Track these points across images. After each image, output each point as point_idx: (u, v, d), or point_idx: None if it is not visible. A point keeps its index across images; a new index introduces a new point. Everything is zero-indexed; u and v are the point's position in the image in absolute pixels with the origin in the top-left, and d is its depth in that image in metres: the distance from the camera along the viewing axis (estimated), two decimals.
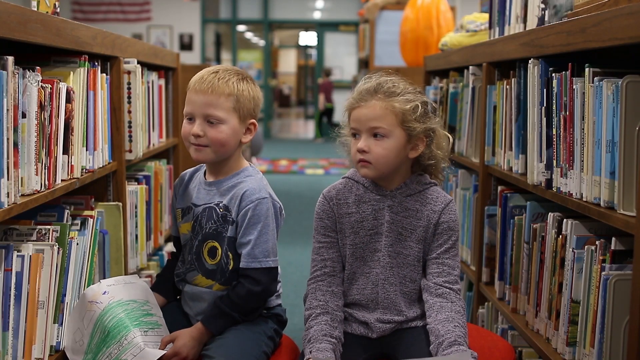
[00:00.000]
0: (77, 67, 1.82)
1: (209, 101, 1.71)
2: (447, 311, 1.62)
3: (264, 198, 1.72)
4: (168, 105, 3.14)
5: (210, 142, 1.72)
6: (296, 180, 8.03)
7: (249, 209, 1.71)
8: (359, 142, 1.65)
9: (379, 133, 1.64)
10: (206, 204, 1.77)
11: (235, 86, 1.73)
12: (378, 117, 1.63)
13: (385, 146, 1.64)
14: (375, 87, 1.66)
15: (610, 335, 1.46)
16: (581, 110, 1.53)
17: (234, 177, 1.78)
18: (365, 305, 1.71)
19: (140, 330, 1.66)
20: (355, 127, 1.66)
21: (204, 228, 1.76)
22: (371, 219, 1.70)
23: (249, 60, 14.89)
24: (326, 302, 1.68)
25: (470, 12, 3.39)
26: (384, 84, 1.67)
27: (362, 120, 1.65)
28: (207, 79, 1.72)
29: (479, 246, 2.36)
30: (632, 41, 1.27)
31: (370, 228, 1.70)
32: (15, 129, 1.41)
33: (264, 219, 1.71)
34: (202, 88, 1.71)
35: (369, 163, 1.64)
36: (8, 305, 1.48)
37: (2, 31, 1.36)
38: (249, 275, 1.70)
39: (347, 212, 1.72)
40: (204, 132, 1.72)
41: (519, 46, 1.93)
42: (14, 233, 1.63)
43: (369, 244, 1.71)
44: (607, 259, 1.48)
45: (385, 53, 5.82)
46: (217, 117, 1.71)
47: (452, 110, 2.77)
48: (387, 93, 1.65)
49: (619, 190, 1.38)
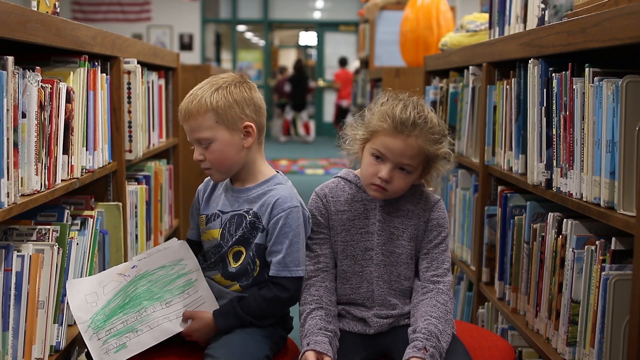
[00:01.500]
0: (77, 67, 1.82)
1: (191, 127, 1.72)
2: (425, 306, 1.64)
3: (296, 207, 1.72)
4: (168, 105, 3.14)
5: (210, 164, 1.74)
6: (296, 180, 8.00)
7: (281, 217, 1.70)
8: (380, 166, 1.64)
9: (407, 169, 1.65)
10: (234, 211, 1.76)
11: (208, 101, 1.70)
12: (413, 155, 1.63)
13: (408, 181, 1.67)
14: (413, 121, 1.62)
15: (610, 335, 1.46)
16: (581, 110, 1.53)
17: (263, 184, 1.77)
18: (361, 303, 1.72)
19: (162, 303, 1.69)
20: (384, 153, 1.64)
21: (233, 235, 1.75)
22: (362, 217, 1.72)
23: (249, 60, 14.88)
24: (320, 297, 1.69)
25: (470, 12, 3.39)
26: (418, 118, 1.63)
27: (395, 152, 1.63)
28: (183, 107, 1.72)
29: (479, 246, 2.35)
30: (632, 41, 1.27)
31: (361, 227, 1.72)
32: (15, 129, 1.41)
33: (295, 228, 1.71)
34: (183, 117, 1.73)
35: (385, 190, 1.65)
36: (8, 305, 1.48)
37: (2, 31, 1.36)
38: (279, 283, 1.70)
39: (339, 209, 1.73)
40: (203, 156, 1.73)
41: (519, 46, 1.93)
42: (14, 233, 1.63)
43: (360, 242, 1.72)
44: (607, 259, 1.48)
45: (385, 53, 5.82)
46: (204, 138, 1.71)
47: (452, 110, 2.77)
48: (424, 130, 1.63)
49: (619, 190, 1.38)
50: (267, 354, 1.69)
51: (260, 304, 1.69)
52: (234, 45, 14.39)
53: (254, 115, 1.74)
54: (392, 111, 1.64)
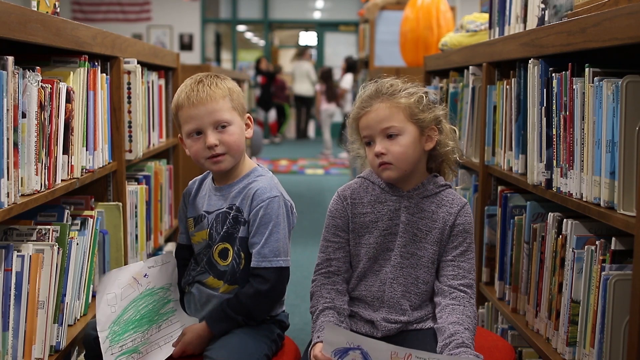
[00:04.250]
0: (77, 67, 1.82)
1: (212, 109, 1.70)
2: (458, 314, 1.60)
3: (275, 197, 1.72)
4: (168, 105, 3.14)
5: (226, 149, 1.72)
6: (296, 180, 8.03)
7: (260, 207, 1.70)
8: (373, 148, 1.66)
9: (392, 132, 1.64)
10: (219, 209, 1.77)
11: (225, 86, 1.74)
12: (386, 117, 1.64)
13: (402, 143, 1.64)
14: (375, 91, 1.68)
15: (610, 335, 1.46)
16: (581, 110, 1.53)
17: (244, 179, 1.77)
18: (370, 303, 1.70)
19: (157, 326, 1.73)
20: (367, 134, 1.67)
21: (220, 233, 1.76)
22: (386, 219, 1.69)
23: (249, 60, 14.88)
24: (332, 300, 1.68)
25: (470, 12, 3.39)
26: (382, 86, 1.68)
27: (372, 125, 1.65)
28: (199, 90, 1.71)
29: (479, 246, 2.35)
30: (632, 41, 1.27)
31: (384, 228, 1.69)
32: (15, 129, 1.41)
33: (275, 218, 1.70)
34: (201, 99, 1.70)
35: (390, 164, 1.64)
36: (8, 305, 1.48)
37: (2, 31, 1.36)
38: (259, 275, 1.70)
39: (362, 212, 1.70)
40: (219, 140, 1.71)
41: (519, 46, 1.93)
42: (14, 233, 1.63)
43: (383, 244, 1.69)
44: (607, 259, 1.48)
45: (385, 53, 5.82)
46: (225, 120, 1.71)
47: (452, 110, 2.77)
48: (389, 93, 1.67)
49: (619, 190, 1.38)
50: (267, 352, 1.69)
51: (245, 301, 1.70)
52: (234, 45, 14.39)
53: None
54: (359, 96, 1.71)
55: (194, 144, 1.73)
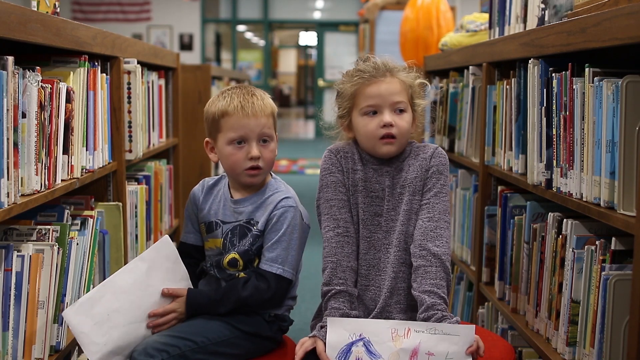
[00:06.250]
0: (77, 67, 1.82)
1: (262, 122, 1.75)
2: (431, 278, 1.60)
3: (291, 207, 1.75)
4: (168, 105, 3.14)
5: (264, 163, 1.77)
6: (296, 180, 8.02)
7: (274, 215, 1.75)
8: (377, 117, 1.66)
9: (401, 107, 1.67)
10: (236, 222, 1.79)
11: (270, 103, 1.80)
12: (398, 91, 1.67)
13: (407, 120, 1.68)
14: (382, 64, 1.70)
15: (610, 335, 1.46)
16: (581, 110, 1.53)
17: (260, 194, 1.80)
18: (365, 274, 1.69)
19: None
20: (375, 103, 1.67)
21: (235, 246, 1.78)
22: (374, 181, 1.71)
23: (249, 60, 14.89)
24: (345, 281, 1.65)
25: (470, 12, 3.39)
26: (388, 62, 1.71)
27: (384, 95, 1.66)
28: (254, 103, 1.75)
29: (479, 246, 2.36)
30: (632, 41, 1.27)
31: (372, 190, 1.71)
32: (15, 129, 1.41)
33: (287, 228, 1.73)
34: (253, 111, 1.74)
35: (394, 138, 1.66)
36: (8, 305, 1.48)
37: (2, 31, 1.36)
38: (263, 276, 1.72)
39: (354, 168, 1.72)
40: (261, 154, 1.76)
41: (519, 46, 1.93)
42: (14, 233, 1.63)
43: (371, 208, 1.71)
44: (607, 259, 1.48)
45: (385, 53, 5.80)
46: (269, 135, 1.77)
47: (452, 110, 2.77)
48: (396, 69, 1.70)
49: (619, 190, 1.38)
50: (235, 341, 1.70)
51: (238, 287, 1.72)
52: (234, 45, 14.39)
53: None
54: (359, 67, 1.71)
55: (235, 152, 1.75)
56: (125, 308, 1.65)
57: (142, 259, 1.72)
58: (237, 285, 1.73)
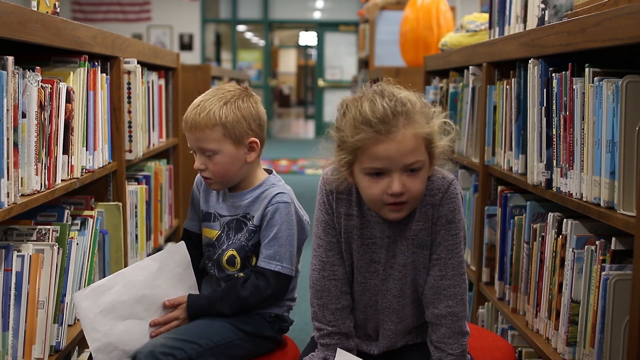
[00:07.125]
0: (77, 67, 1.82)
1: (197, 137, 1.74)
2: (444, 329, 1.48)
3: (285, 202, 1.75)
4: (168, 105, 3.14)
5: (211, 175, 1.76)
6: (296, 180, 8.02)
7: (268, 211, 1.75)
8: (383, 181, 1.36)
9: (416, 167, 1.36)
10: (233, 216, 1.80)
11: (217, 114, 1.71)
12: (413, 149, 1.34)
13: (422, 179, 1.39)
14: (392, 111, 1.34)
15: (610, 335, 1.46)
16: (581, 110, 1.53)
17: (257, 188, 1.80)
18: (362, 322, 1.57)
19: None
20: (382, 166, 1.35)
21: (231, 239, 1.79)
22: (371, 229, 1.49)
23: (249, 60, 14.88)
24: (336, 321, 1.51)
25: (470, 12, 3.39)
26: (395, 106, 1.35)
27: (394, 157, 1.33)
28: (190, 118, 1.74)
29: (479, 246, 2.36)
30: (632, 41, 1.27)
31: (369, 237, 1.50)
32: (15, 129, 1.41)
33: (281, 224, 1.74)
34: (189, 127, 1.74)
35: (405, 204, 1.38)
36: (8, 305, 1.48)
37: (2, 31, 1.36)
38: (262, 273, 1.73)
39: (349, 213, 1.49)
40: (205, 165, 1.75)
41: (519, 46, 1.93)
42: (14, 233, 1.63)
43: (366, 254, 1.51)
44: (607, 259, 1.48)
45: (385, 53, 5.82)
46: (209, 149, 1.74)
47: (452, 110, 2.77)
48: (409, 115, 1.35)
49: (619, 190, 1.38)
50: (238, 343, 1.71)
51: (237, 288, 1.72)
52: (234, 45, 14.38)
53: (258, 131, 1.79)
54: (362, 114, 1.35)
55: (196, 159, 1.78)
56: (130, 302, 1.67)
57: (154, 259, 1.75)
58: (237, 285, 1.73)
